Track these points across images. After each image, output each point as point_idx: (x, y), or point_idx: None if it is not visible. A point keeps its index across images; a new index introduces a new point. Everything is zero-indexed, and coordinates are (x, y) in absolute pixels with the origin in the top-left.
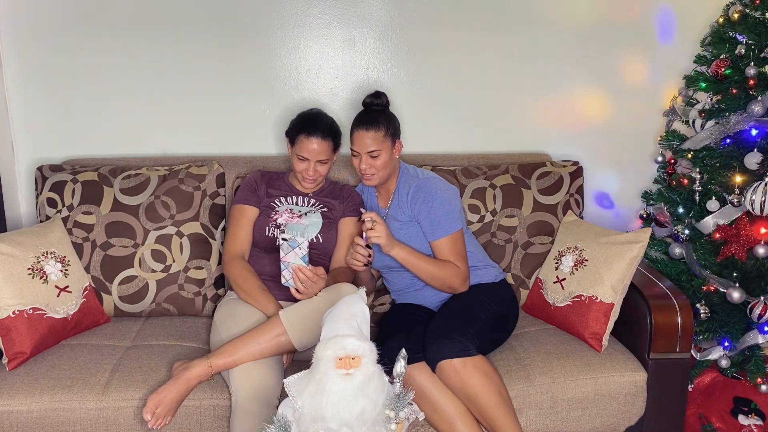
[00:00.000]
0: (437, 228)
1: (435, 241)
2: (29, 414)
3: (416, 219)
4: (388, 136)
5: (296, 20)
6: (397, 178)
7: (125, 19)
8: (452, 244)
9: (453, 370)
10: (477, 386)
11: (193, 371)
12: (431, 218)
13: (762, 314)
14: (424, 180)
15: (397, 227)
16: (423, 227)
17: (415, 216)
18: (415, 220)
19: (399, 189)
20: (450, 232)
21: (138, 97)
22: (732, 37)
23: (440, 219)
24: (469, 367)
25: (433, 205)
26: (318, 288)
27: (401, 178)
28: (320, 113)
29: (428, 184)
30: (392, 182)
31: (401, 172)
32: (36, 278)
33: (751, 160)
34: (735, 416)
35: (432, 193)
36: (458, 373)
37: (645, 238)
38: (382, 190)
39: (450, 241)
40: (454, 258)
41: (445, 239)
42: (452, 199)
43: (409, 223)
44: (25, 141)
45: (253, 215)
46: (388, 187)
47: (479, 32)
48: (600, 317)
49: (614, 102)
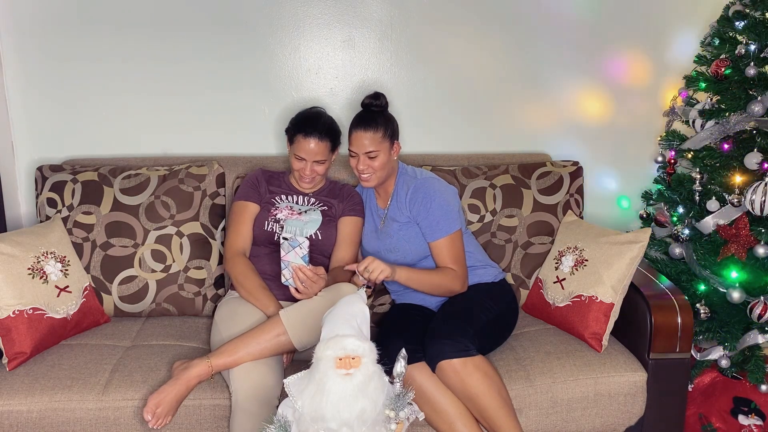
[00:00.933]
0: (436, 229)
1: (434, 242)
2: (29, 414)
3: (415, 220)
4: (386, 137)
5: (296, 20)
6: (396, 179)
7: (125, 19)
8: (451, 244)
9: (453, 370)
10: (477, 386)
11: (193, 371)
12: (429, 219)
13: (762, 314)
14: (423, 181)
15: (396, 228)
16: (422, 228)
17: (414, 217)
18: (413, 221)
19: (398, 190)
20: (449, 233)
21: (138, 97)
22: (732, 37)
23: (439, 219)
24: (470, 367)
25: (431, 206)
26: (318, 288)
27: (400, 179)
28: (320, 113)
29: (426, 185)
30: (391, 183)
31: (400, 173)
32: (36, 278)
33: (751, 160)
34: (735, 416)
35: (430, 194)
36: (458, 373)
37: (645, 238)
38: (380, 191)
39: (449, 241)
40: (452, 259)
41: (443, 240)
42: (451, 199)
43: (407, 224)
44: (25, 141)
45: (254, 212)
46: (387, 188)
47: (479, 32)
48: (600, 317)
49: (614, 102)
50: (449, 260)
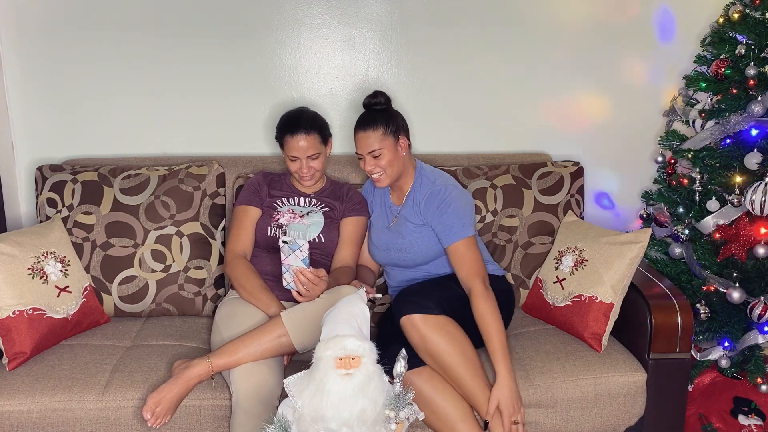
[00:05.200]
0: (449, 233)
1: (450, 246)
2: (29, 414)
3: (429, 224)
4: (388, 133)
5: (296, 20)
6: (414, 178)
7: (125, 19)
8: (467, 248)
9: (412, 324)
10: (439, 344)
11: (193, 370)
12: (443, 224)
13: (762, 314)
14: (441, 188)
15: (410, 229)
16: (437, 232)
17: (428, 222)
18: (428, 225)
19: (414, 190)
20: (464, 236)
21: (138, 97)
22: (732, 37)
23: (452, 224)
24: (430, 323)
25: (447, 211)
26: (320, 290)
27: (417, 180)
28: (300, 110)
29: (443, 193)
30: (406, 180)
31: (418, 173)
32: (36, 278)
33: (751, 160)
34: (735, 416)
35: (446, 201)
36: (418, 328)
37: (645, 238)
38: (395, 188)
39: (465, 245)
40: (467, 269)
41: (460, 243)
42: (466, 206)
43: (422, 227)
44: (25, 141)
45: (256, 216)
46: (402, 185)
47: (479, 32)
48: (600, 317)
49: (614, 102)
50: (463, 267)
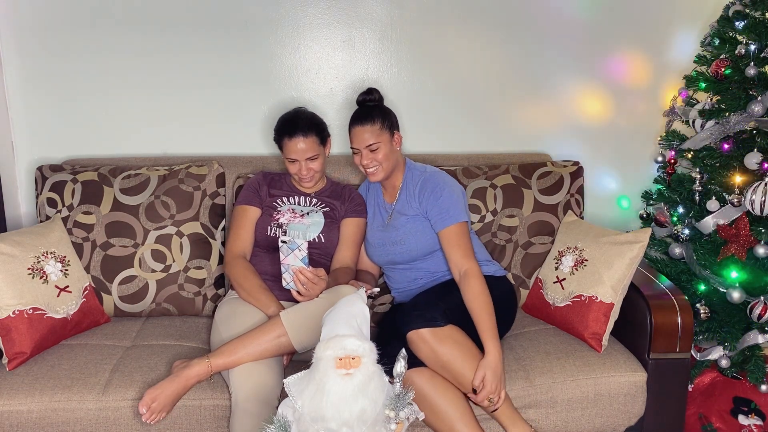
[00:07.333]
0: (445, 216)
1: (443, 230)
2: (29, 414)
3: (424, 212)
4: (384, 128)
5: (296, 20)
6: (404, 174)
7: (125, 19)
8: (460, 233)
9: (421, 339)
10: (449, 353)
11: (192, 370)
12: (439, 207)
13: (762, 314)
14: (432, 174)
15: (404, 221)
16: (431, 217)
17: (423, 208)
18: (422, 214)
19: (406, 184)
20: (458, 220)
21: (138, 97)
22: (732, 37)
23: (448, 207)
24: (439, 335)
25: (441, 195)
26: (319, 289)
27: (408, 174)
28: (298, 111)
29: (436, 177)
30: (397, 177)
31: (407, 168)
32: (36, 278)
33: (751, 160)
34: (735, 416)
35: (440, 185)
36: (427, 342)
37: (645, 238)
38: (387, 186)
39: (458, 230)
40: (462, 251)
41: (453, 228)
42: (459, 192)
43: (415, 217)
44: (25, 141)
45: (255, 216)
46: (394, 182)
47: (479, 32)
48: (600, 317)
49: (614, 102)
50: (458, 249)
